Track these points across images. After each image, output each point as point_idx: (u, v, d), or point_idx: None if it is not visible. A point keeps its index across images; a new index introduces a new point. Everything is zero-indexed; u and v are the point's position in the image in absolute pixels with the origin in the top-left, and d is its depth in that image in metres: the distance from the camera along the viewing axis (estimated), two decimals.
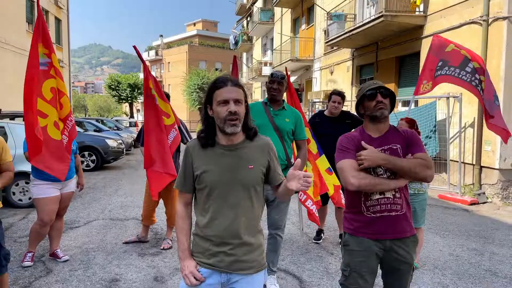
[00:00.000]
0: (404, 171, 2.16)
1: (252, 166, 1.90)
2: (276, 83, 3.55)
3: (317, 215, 4.57)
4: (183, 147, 2.96)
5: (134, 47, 4.53)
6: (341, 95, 4.76)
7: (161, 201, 4.96)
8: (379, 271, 2.39)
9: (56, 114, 4.01)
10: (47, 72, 4.00)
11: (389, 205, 2.23)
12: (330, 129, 4.65)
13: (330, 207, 5.25)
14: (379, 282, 2.49)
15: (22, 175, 6.35)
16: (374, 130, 2.31)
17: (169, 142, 4.53)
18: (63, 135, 4.07)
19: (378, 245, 2.26)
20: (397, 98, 11.07)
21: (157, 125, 4.46)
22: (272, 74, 3.61)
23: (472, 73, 6.00)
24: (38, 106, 3.84)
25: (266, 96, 3.74)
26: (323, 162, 4.62)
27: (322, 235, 5.08)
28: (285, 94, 3.80)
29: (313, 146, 4.59)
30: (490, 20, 7.87)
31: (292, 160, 3.71)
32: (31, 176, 4.06)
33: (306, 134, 4.44)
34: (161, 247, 4.69)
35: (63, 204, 4.25)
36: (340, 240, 4.92)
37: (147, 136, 4.46)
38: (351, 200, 2.34)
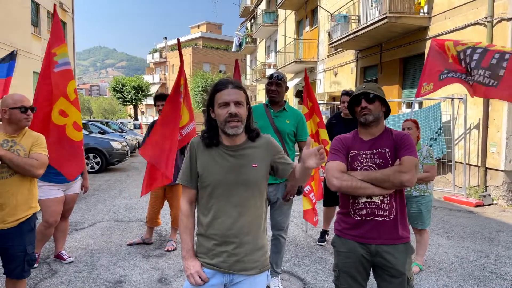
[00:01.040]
0: (379, 181, 2.16)
1: (256, 165, 1.91)
2: (274, 84, 3.53)
3: (315, 210, 4.46)
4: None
5: (178, 40, 4.58)
6: (349, 94, 4.75)
7: (166, 202, 4.98)
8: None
9: (77, 115, 4.04)
10: (71, 71, 4.07)
11: (375, 210, 2.21)
12: (342, 130, 4.64)
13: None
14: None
15: None
16: (365, 133, 2.32)
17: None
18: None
19: (363, 248, 2.24)
20: (401, 99, 11.09)
21: (172, 121, 4.36)
22: (270, 76, 3.58)
23: (500, 59, 5.37)
24: (60, 105, 3.90)
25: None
26: None
27: (326, 236, 5.07)
28: (287, 96, 3.80)
29: (328, 147, 4.54)
30: (494, 21, 7.85)
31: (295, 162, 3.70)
32: None
33: (323, 135, 4.43)
34: (165, 249, 4.69)
35: (68, 205, 4.26)
36: None
37: (158, 126, 4.39)
38: (342, 202, 2.36)
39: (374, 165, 2.22)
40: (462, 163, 8.33)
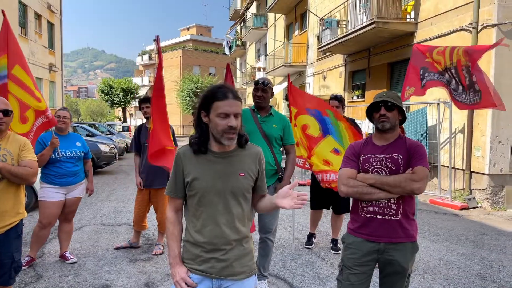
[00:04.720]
0: (391, 186, 2.27)
1: (244, 174, 1.91)
2: (260, 90, 3.58)
3: (327, 179, 4.31)
4: None
5: (157, 36, 4.37)
6: (337, 99, 4.78)
7: (152, 206, 4.96)
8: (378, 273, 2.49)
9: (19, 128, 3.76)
10: (7, 85, 3.69)
11: (382, 208, 2.34)
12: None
13: (325, 213, 5.26)
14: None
15: None
16: (380, 138, 2.44)
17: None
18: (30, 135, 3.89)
19: (372, 246, 2.36)
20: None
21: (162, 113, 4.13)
22: (256, 82, 3.63)
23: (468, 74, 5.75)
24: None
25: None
26: (329, 142, 4.40)
27: (313, 239, 5.10)
28: (277, 99, 3.83)
29: (312, 130, 4.44)
30: (479, 28, 7.99)
31: (282, 165, 3.73)
32: (39, 179, 4.20)
33: (304, 120, 4.39)
34: (153, 253, 4.68)
35: (69, 208, 4.36)
36: (331, 245, 4.95)
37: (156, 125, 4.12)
38: (354, 200, 2.49)
39: (385, 168, 2.35)
40: (448, 167, 8.45)
